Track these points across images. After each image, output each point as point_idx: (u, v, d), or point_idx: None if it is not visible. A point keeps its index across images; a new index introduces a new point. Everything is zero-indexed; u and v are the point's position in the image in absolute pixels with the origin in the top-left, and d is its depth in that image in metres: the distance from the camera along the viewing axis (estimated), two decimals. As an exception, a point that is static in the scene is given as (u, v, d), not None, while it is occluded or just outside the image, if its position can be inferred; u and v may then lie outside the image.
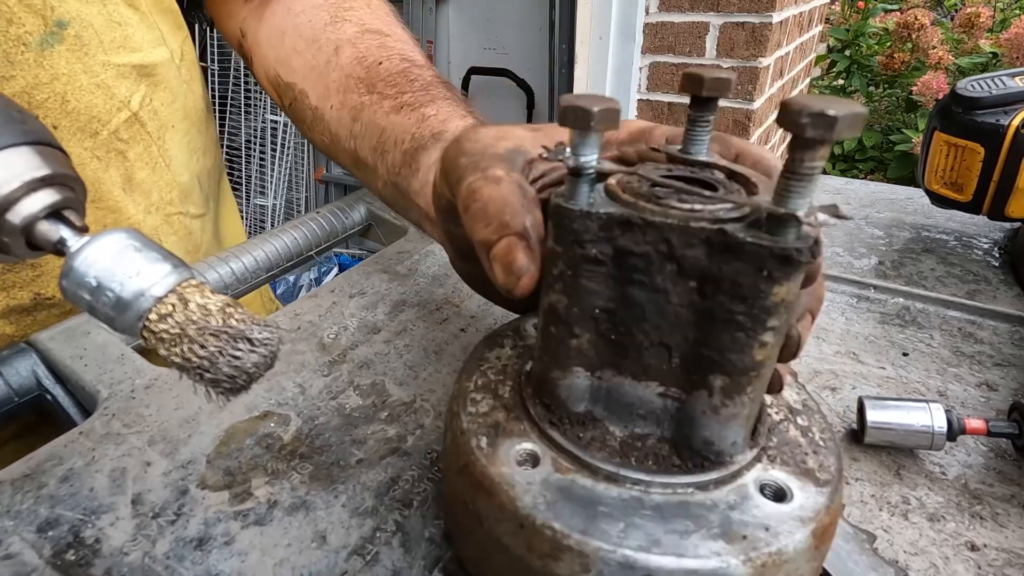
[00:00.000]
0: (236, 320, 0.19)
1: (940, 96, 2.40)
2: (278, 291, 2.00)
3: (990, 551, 0.25)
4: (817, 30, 1.96)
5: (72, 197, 0.20)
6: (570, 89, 1.45)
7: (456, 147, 0.24)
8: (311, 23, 0.40)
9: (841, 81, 3.06)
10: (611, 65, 1.33)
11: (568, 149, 0.18)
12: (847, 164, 2.85)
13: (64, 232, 0.19)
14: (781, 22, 1.26)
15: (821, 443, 0.21)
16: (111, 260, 0.18)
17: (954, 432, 0.28)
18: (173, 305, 0.19)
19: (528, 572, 0.18)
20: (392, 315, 0.38)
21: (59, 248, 0.19)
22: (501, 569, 0.19)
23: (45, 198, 0.19)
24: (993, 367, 0.35)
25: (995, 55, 2.43)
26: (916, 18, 2.61)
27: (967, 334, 0.37)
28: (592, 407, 0.20)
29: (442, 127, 0.31)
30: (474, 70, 2.26)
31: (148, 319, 0.19)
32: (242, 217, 0.79)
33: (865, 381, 0.34)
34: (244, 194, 2.27)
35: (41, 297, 0.36)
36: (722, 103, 1.29)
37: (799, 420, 0.22)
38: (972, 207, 0.42)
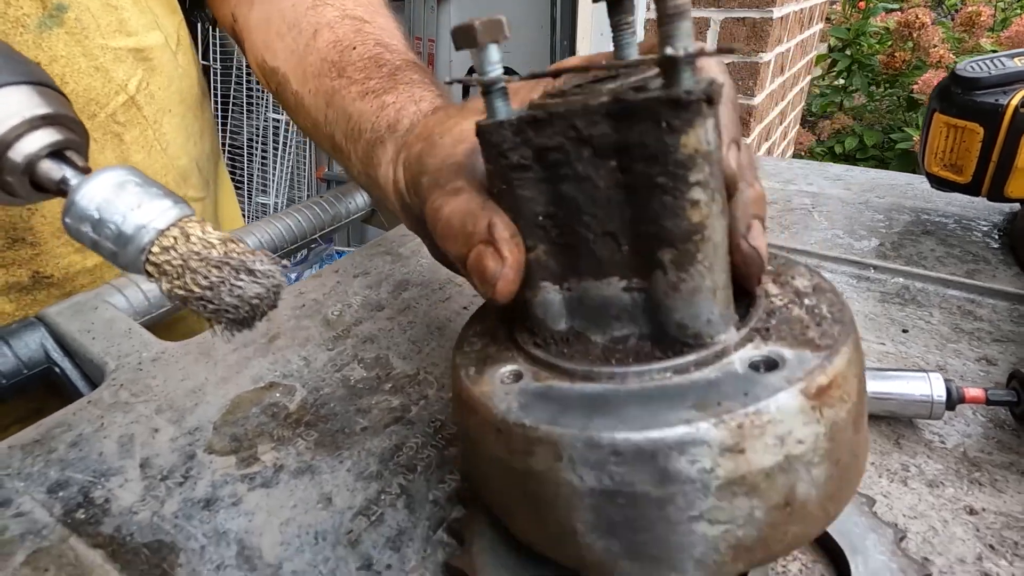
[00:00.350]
0: (238, 252, 0.19)
1: (941, 94, 2.41)
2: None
3: (988, 515, 0.25)
4: (818, 27, 1.96)
5: (74, 139, 0.20)
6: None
7: (418, 164, 0.24)
8: (294, 7, 0.40)
9: (842, 80, 3.07)
10: (612, 61, 1.33)
11: (476, 63, 0.19)
12: (848, 163, 2.86)
13: (67, 171, 0.19)
14: (782, 18, 1.26)
15: (828, 315, 0.19)
16: (113, 194, 0.19)
17: (953, 401, 0.28)
18: (175, 238, 0.19)
19: (513, 475, 0.18)
20: (395, 293, 0.39)
21: (61, 187, 0.19)
22: (495, 482, 0.20)
23: (46, 136, 0.19)
24: (992, 343, 0.35)
25: (996, 53, 2.43)
26: (917, 17, 2.62)
27: (966, 312, 0.38)
28: (572, 322, 0.20)
29: (397, 116, 0.30)
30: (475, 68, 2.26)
31: (151, 252, 0.19)
32: (243, 216, 0.79)
33: (866, 356, 0.34)
34: (246, 192, 2.28)
35: (40, 275, 0.36)
36: (723, 98, 1.29)
37: (806, 301, 0.20)
38: (972, 188, 0.42)
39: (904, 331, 0.36)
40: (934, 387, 0.28)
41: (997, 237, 0.45)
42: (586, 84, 0.20)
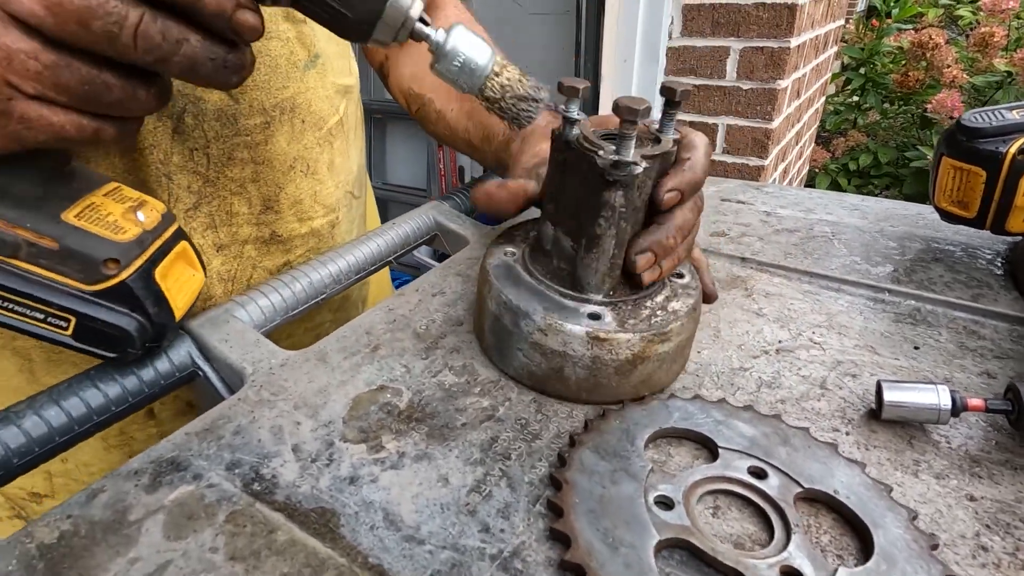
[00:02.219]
0: (528, 85, 0.34)
1: (955, 114, 2.44)
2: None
3: (986, 501, 0.30)
4: (832, 50, 2.02)
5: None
6: (595, 106, 1.53)
7: (517, 158, 0.51)
8: None
9: (856, 98, 3.11)
10: (635, 86, 1.40)
11: (563, 107, 0.35)
12: (862, 180, 2.89)
13: (428, 30, 0.31)
14: (799, 46, 1.33)
15: (657, 317, 0.36)
16: (467, 45, 0.32)
17: (957, 409, 0.33)
18: (497, 72, 0.33)
19: (479, 296, 0.39)
20: (471, 311, 0.45)
21: (429, 39, 0.31)
22: (478, 315, 0.40)
23: (420, 5, 0.30)
24: (993, 359, 0.40)
25: (1010, 74, 2.46)
26: (931, 37, 2.66)
27: (971, 331, 0.43)
28: (550, 247, 0.38)
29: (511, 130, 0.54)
30: (499, 88, 2.34)
31: (488, 80, 0.33)
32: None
33: (881, 370, 0.40)
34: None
35: (275, 234, 0.50)
36: (742, 123, 1.35)
37: (670, 304, 0.37)
38: (977, 223, 0.48)
39: (916, 348, 0.42)
40: (941, 397, 0.33)
41: (1000, 264, 0.50)
42: (608, 133, 0.35)
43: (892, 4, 2.93)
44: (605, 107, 1.45)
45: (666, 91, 0.34)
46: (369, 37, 0.30)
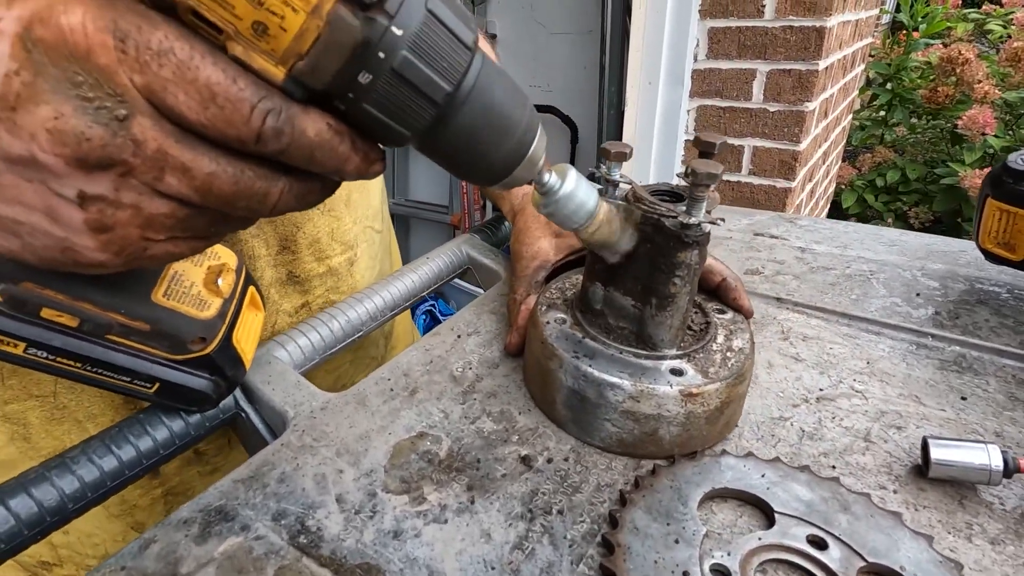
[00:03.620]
0: (615, 227, 0.35)
1: (987, 131, 2.39)
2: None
3: (1045, 571, 0.29)
4: (860, 69, 2.00)
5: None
6: (619, 129, 1.53)
7: (512, 260, 0.50)
8: None
9: (883, 113, 3.06)
10: (660, 108, 1.40)
11: (605, 169, 0.36)
12: (890, 196, 2.84)
13: (547, 176, 0.31)
14: (827, 68, 1.31)
15: (730, 360, 0.37)
16: (583, 193, 0.32)
17: (1010, 470, 0.32)
18: (593, 219, 0.33)
19: (542, 369, 0.38)
20: (510, 359, 0.45)
21: (543, 185, 0.31)
22: (534, 371, 0.39)
23: (544, 155, 0.29)
24: (1045, 412, 0.39)
25: (1044, 90, 2.41)
26: (960, 53, 2.62)
27: (1020, 381, 0.42)
28: (602, 307, 0.38)
29: (513, 198, 0.56)
30: (521, 106, 2.36)
31: (585, 225, 0.33)
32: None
33: (927, 422, 0.39)
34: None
35: (293, 274, 0.50)
36: (768, 144, 1.34)
37: (733, 343, 0.38)
38: (1023, 265, 0.46)
39: (963, 398, 0.41)
40: (992, 457, 0.32)
41: (1048, 308, 0.49)
42: (656, 191, 0.37)
43: (920, 19, 2.88)
44: (628, 132, 1.45)
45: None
46: (497, 183, 0.29)
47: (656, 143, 1.44)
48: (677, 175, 0.36)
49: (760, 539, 0.30)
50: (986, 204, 0.47)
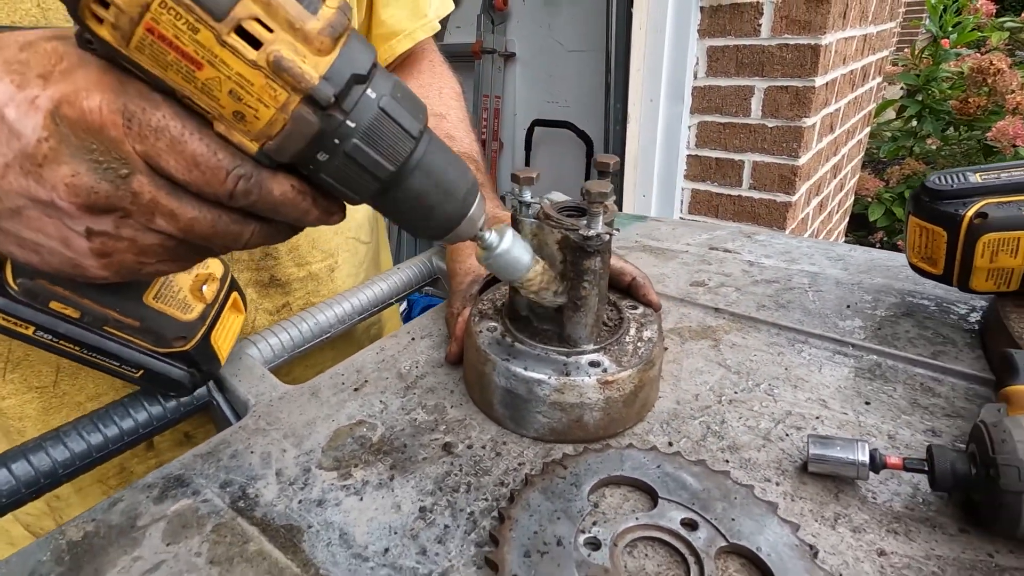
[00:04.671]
0: (548, 278, 0.39)
1: (1017, 142, 2.31)
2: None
3: (895, 556, 0.32)
4: (875, 82, 1.98)
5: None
6: (623, 144, 1.57)
7: (448, 277, 0.55)
8: None
9: (913, 123, 2.99)
10: (661, 124, 1.43)
11: (517, 191, 0.40)
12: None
13: (488, 235, 0.35)
14: (827, 83, 1.33)
15: (640, 349, 0.42)
16: (517, 250, 0.36)
17: (876, 466, 0.35)
18: (531, 274, 0.37)
19: (477, 371, 0.42)
20: (447, 361, 0.50)
21: (483, 242, 0.35)
22: (471, 373, 0.44)
23: (484, 216, 0.34)
24: (943, 417, 0.41)
25: (1079, 100, 2.32)
26: (991, 63, 2.55)
27: (927, 388, 0.44)
28: (527, 313, 0.43)
29: None
30: (538, 122, 2.43)
31: (524, 279, 0.37)
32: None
33: (826, 424, 0.42)
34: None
35: (274, 278, 0.55)
36: (768, 159, 1.36)
37: (643, 334, 0.43)
38: (945, 279, 0.49)
39: (867, 403, 0.43)
40: (860, 453, 0.35)
41: (973, 320, 0.51)
42: (564, 208, 0.42)
43: (950, 29, 2.82)
44: (631, 147, 1.49)
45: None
46: (441, 239, 0.33)
47: (658, 157, 1.47)
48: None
49: (637, 519, 0.33)
50: (909, 221, 0.50)
